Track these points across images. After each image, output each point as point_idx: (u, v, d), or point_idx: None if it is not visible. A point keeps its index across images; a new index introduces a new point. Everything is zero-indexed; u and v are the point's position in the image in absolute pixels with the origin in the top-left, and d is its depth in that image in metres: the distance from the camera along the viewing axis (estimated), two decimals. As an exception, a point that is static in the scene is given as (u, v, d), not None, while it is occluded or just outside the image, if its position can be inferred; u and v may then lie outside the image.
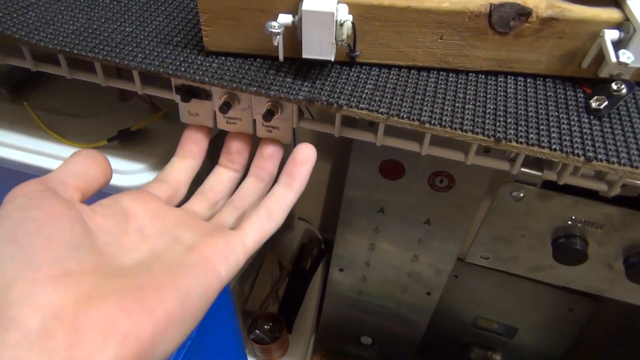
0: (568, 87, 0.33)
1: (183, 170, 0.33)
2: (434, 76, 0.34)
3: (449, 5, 0.30)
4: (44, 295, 0.19)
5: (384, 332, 0.91)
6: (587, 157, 0.29)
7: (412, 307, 0.85)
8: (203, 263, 0.24)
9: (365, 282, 0.81)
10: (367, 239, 0.72)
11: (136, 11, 0.38)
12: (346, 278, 0.79)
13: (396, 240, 0.70)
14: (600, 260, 0.36)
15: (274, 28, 0.28)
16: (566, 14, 0.30)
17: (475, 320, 0.88)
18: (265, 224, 0.28)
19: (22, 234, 0.20)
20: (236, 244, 0.26)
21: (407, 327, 0.90)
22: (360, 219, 0.71)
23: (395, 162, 0.62)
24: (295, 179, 0.30)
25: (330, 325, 0.91)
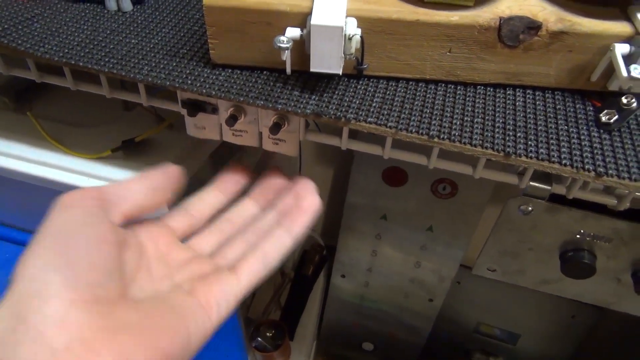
0: (577, 101, 0.33)
1: (211, 204, 0.33)
2: (442, 89, 0.33)
3: (458, 19, 0.30)
4: (76, 317, 0.20)
5: (386, 338, 0.91)
6: (598, 173, 0.28)
7: (414, 313, 0.85)
8: (200, 309, 0.25)
9: (367, 288, 0.81)
10: (370, 245, 0.72)
11: (141, 22, 0.37)
12: (348, 284, 0.79)
13: (399, 246, 0.70)
14: (608, 274, 0.35)
15: (283, 43, 0.28)
16: (576, 28, 0.30)
17: (477, 327, 0.88)
18: (260, 268, 0.28)
19: (73, 251, 0.21)
20: (230, 292, 0.27)
21: (409, 333, 0.89)
22: (362, 225, 0.71)
23: (398, 169, 0.62)
24: (297, 226, 0.30)
25: (332, 331, 0.91)
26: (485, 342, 0.89)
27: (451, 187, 0.60)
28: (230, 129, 0.35)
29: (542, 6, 0.31)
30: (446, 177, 0.57)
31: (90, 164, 0.43)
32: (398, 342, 0.91)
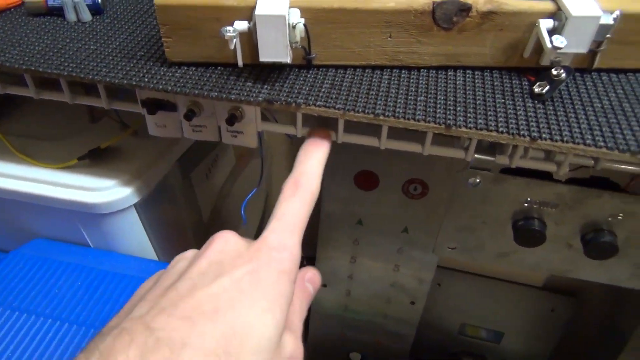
0: (513, 77, 0.35)
1: None
2: (387, 74, 0.35)
3: (394, 4, 0.32)
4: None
5: (372, 346, 0.91)
6: (532, 137, 0.30)
7: (397, 319, 0.85)
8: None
9: (350, 297, 0.81)
10: (348, 252, 0.73)
11: (100, 30, 0.39)
12: (330, 294, 0.79)
13: (376, 250, 0.71)
14: (559, 241, 0.37)
15: (229, 32, 0.30)
16: (503, 7, 0.33)
17: (461, 329, 0.88)
18: None
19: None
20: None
21: (395, 340, 0.89)
22: (339, 232, 0.72)
23: (369, 173, 0.64)
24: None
25: (318, 344, 0.90)
26: (471, 343, 0.90)
27: (422, 186, 0.62)
28: (190, 124, 0.37)
29: (472, -10, 0.33)
30: (416, 178, 0.58)
31: (57, 174, 0.44)
32: (385, 350, 0.91)
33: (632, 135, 0.31)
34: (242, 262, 0.26)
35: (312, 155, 0.33)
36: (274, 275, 0.25)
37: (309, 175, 0.31)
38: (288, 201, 0.29)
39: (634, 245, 0.36)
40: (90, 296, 0.43)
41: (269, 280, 0.25)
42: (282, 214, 0.29)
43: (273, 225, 0.28)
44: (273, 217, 0.29)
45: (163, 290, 0.25)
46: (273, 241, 0.27)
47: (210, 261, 0.26)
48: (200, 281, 0.24)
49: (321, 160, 0.33)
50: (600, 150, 0.30)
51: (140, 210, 0.45)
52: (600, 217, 0.35)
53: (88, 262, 0.46)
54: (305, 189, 0.30)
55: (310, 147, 0.33)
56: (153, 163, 0.46)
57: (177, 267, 0.27)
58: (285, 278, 0.25)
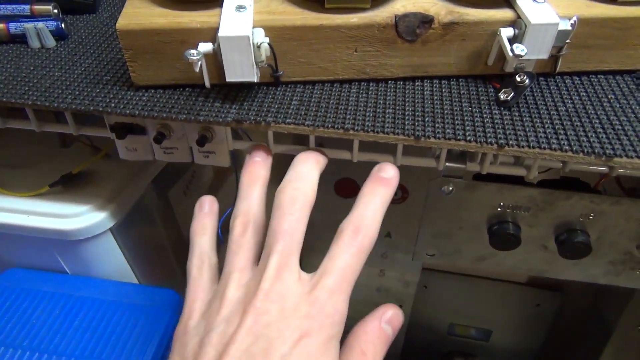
0: (479, 85, 0.36)
1: None
2: (355, 87, 0.36)
3: (357, 20, 0.33)
4: None
5: (362, 352, 0.90)
6: (500, 144, 0.31)
7: (386, 323, 0.86)
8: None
9: (337, 305, 0.81)
10: (332, 259, 0.72)
11: (65, 56, 0.39)
12: (317, 302, 0.79)
13: (360, 257, 0.71)
14: (534, 243, 0.38)
15: (193, 55, 0.30)
16: (464, 18, 0.33)
17: (450, 329, 0.89)
18: None
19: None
20: None
21: (385, 344, 0.89)
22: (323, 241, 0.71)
23: (349, 180, 0.64)
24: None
25: (307, 352, 0.90)
26: (460, 342, 0.90)
27: (402, 191, 0.62)
28: (161, 147, 0.37)
29: (433, 2, 0.34)
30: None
31: (29, 202, 0.43)
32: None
33: (595, 138, 0.31)
34: (289, 333, 0.25)
35: (377, 198, 0.30)
36: (322, 344, 0.24)
37: (370, 219, 0.29)
38: (346, 250, 0.27)
39: (606, 243, 0.37)
40: (70, 324, 0.43)
41: (318, 351, 0.24)
42: (338, 266, 0.27)
43: (326, 282, 0.26)
44: (327, 267, 0.27)
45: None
46: (325, 303, 0.26)
47: (255, 337, 0.25)
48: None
49: (385, 202, 0.30)
50: (565, 154, 0.30)
51: (117, 233, 0.45)
52: (572, 217, 0.36)
53: (66, 290, 0.45)
54: (365, 236, 0.28)
55: (375, 185, 0.31)
56: (127, 185, 0.46)
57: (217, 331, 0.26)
58: (333, 345, 0.25)
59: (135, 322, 0.42)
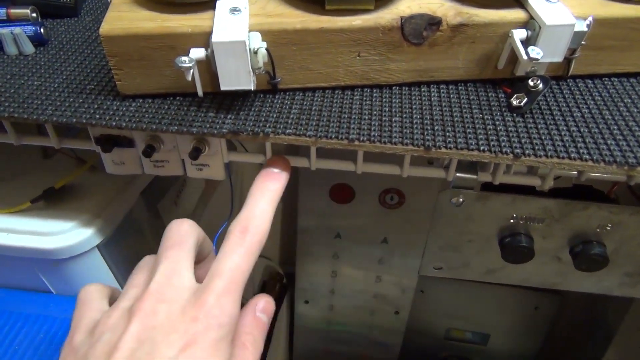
0: (489, 89, 0.34)
1: None
2: (358, 93, 0.33)
3: (361, 22, 0.31)
4: None
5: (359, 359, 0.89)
6: (515, 154, 0.29)
7: (383, 329, 0.84)
8: None
9: (333, 311, 0.80)
10: (328, 266, 0.71)
11: (45, 64, 0.36)
12: (313, 310, 0.78)
13: (357, 263, 0.70)
14: (547, 254, 0.36)
15: (185, 63, 0.28)
16: (474, 19, 0.31)
17: (447, 333, 0.88)
18: None
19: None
20: None
21: (382, 351, 0.88)
22: (318, 247, 0.70)
23: (344, 185, 0.62)
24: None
25: (304, 361, 0.88)
26: (458, 347, 0.89)
27: (398, 196, 0.60)
28: (150, 160, 0.34)
29: (441, 2, 0.32)
30: (392, 187, 0.57)
31: (9, 219, 0.40)
32: (372, 361, 0.90)
33: (616, 145, 0.30)
34: (176, 338, 0.24)
35: (264, 193, 0.30)
36: (210, 347, 0.24)
37: (258, 219, 0.29)
38: (233, 251, 0.27)
39: (623, 254, 0.35)
40: (55, 348, 0.40)
41: (206, 355, 0.24)
42: (226, 269, 0.27)
43: (214, 285, 0.26)
44: (215, 269, 0.27)
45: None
46: (212, 305, 0.25)
47: (139, 340, 0.24)
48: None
49: (274, 199, 0.30)
50: (586, 164, 0.29)
51: (105, 250, 0.42)
52: (588, 228, 0.34)
53: (50, 311, 0.42)
54: (254, 235, 0.28)
55: (264, 182, 0.31)
56: (115, 199, 0.43)
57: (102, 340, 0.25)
58: (222, 346, 0.25)
59: (125, 345, 0.40)
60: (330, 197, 0.64)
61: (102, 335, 0.25)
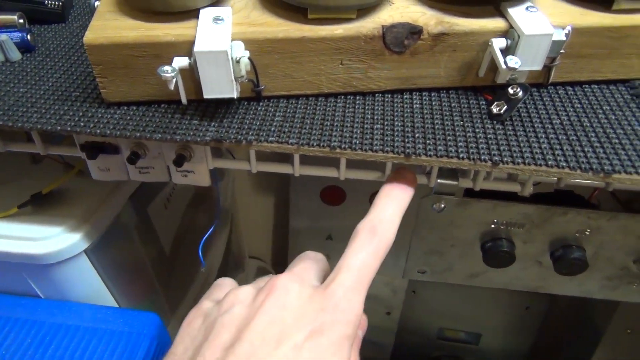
0: (470, 96, 0.34)
1: None
2: (341, 101, 0.34)
3: (342, 31, 0.31)
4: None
5: (351, 360, 0.89)
6: (494, 162, 0.29)
7: (374, 329, 0.85)
8: None
9: (325, 312, 0.80)
10: (320, 268, 0.71)
11: (31, 71, 0.36)
12: (304, 311, 0.78)
13: (347, 265, 0.70)
14: (529, 259, 0.36)
15: (167, 72, 0.28)
16: (455, 28, 0.31)
17: (440, 333, 0.88)
18: None
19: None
20: None
21: (374, 350, 0.89)
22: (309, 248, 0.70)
23: (335, 188, 0.62)
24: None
25: (295, 362, 0.88)
26: (450, 346, 0.90)
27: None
28: (135, 167, 0.34)
29: (422, 11, 0.32)
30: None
31: (-4, 225, 0.40)
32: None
33: (593, 153, 0.30)
34: (303, 323, 0.24)
35: (394, 201, 0.30)
36: (336, 342, 0.23)
37: (388, 223, 0.29)
38: (362, 249, 0.27)
39: (602, 258, 0.36)
40: (43, 353, 0.40)
41: (331, 350, 0.23)
42: (354, 264, 0.26)
43: (342, 278, 0.25)
44: (343, 264, 0.26)
45: (221, 351, 0.23)
46: (341, 298, 0.25)
47: (270, 319, 0.24)
48: (260, 348, 0.23)
49: (403, 209, 0.30)
50: (562, 171, 0.29)
51: (92, 255, 0.42)
52: (568, 233, 0.34)
53: (38, 316, 0.42)
54: (382, 238, 0.28)
55: (395, 191, 0.30)
56: (102, 204, 0.43)
57: (233, 313, 0.25)
58: (346, 345, 0.24)
59: (113, 349, 0.40)
60: (322, 199, 0.64)
61: (233, 307, 0.25)
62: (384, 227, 0.28)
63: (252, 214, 0.87)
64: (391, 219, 0.29)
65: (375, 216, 0.29)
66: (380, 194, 0.31)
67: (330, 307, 0.24)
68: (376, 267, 0.27)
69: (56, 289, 0.43)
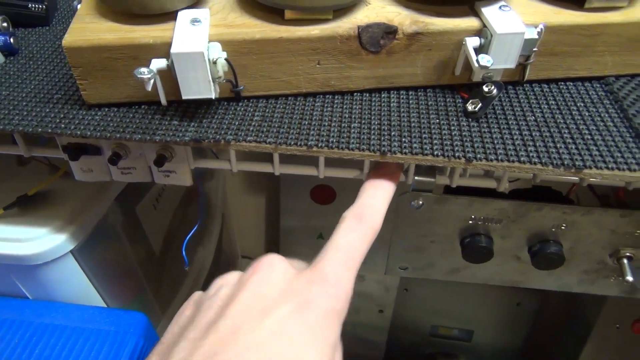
0: (447, 95, 0.35)
1: None
2: (320, 100, 0.34)
3: (319, 32, 0.31)
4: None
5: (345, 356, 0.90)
6: (468, 158, 0.30)
7: (367, 327, 0.85)
8: None
9: (318, 310, 0.80)
10: (311, 266, 0.72)
11: (14, 73, 0.36)
12: (296, 309, 0.78)
13: (338, 263, 0.70)
14: (507, 254, 0.37)
15: (144, 74, 0.28)
16: (429, 28, 0.32)
17: (433, 330, 0.89)
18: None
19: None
20: None
21: (367, 348, 0.89)
22: (301, 247, 0.71)
23: (326, 187, 0.63)
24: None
25: (289, 361, 0.89)
26: (443, 343, 0.90)
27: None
28: (118, 167, 0.35)
29: (398, 11, 0.33)
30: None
31: (-18, 227, 0.41)
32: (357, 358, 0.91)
33: (565, 149, 0.31)
34: (289, 297, 0.23)
35: (380, 191, 0.31)
36: (323, 317, 0.23)
37: (374, 210, 0.29)
38: (349, 232, 0.27)
39: (579, 252, 0.36)
40: (30, 353, 0.41)
41: (318, 324, 0.23)
42: (342, 244, 0.26)
43: (330, 255, 0.25)
44: (330, 245, 0.26)
45: (204, 329, 0.23)
46: (329, 273, 0.24)
47: (254, 294, 0.24)
48: (244, 322, 0.22)
49: (388, 199, 0.31)
50: (535, 167, 0.30)
51: (79, 255, 0.43)
52: (544, 228, 0.35)
53: (26, 316, 0.43)
54: (368, 223, 0.28)
55: (379, 183, 0.31)
56: (89, 204, 0.43)
57: (219, 294, 0.25)
58: (335, 321, 0.23)
59: (99, 348, 0.41)
60: (312, 199, 0.64)
61: (220, 289, 0.25)
62: (371, 213, 0.29)
63: (244, 213, 0.88)
64: (378, 206, 0.29)
65: (361, 203, 0.29)
66: (366, 184, 0.31)
67: (318, 280, 0.24)
68: (364, 251, 0.27)
69: (44, 290, 0.44)
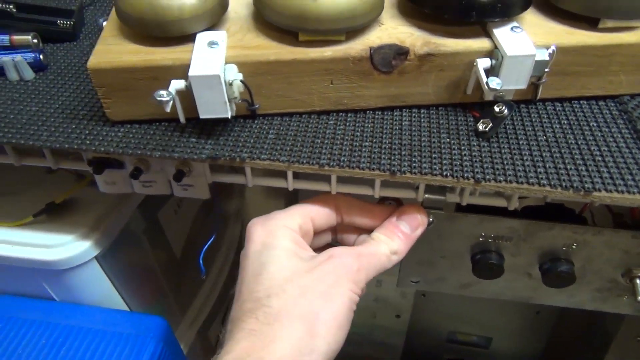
0: (459, 113, 0.35)
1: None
2: (333, 118, 0.35)
3: (331, 53, 0.32)
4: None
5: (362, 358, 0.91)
6: (476, 179, 0.30)
7: (384, 331, 0.86)
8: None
9: (335, 314, 0.81)
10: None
11: (43, 89, 0.38)
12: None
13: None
14: (518, 271, 0.37)
15: (163, 97, 0.30)
16: (441, 49, 0.32)
17: (450, 336, 0.88)
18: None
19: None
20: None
21: (384, 352, 0.89)
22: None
23: (342, 193, 0.64)
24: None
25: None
26: (460, 350, 0.90)
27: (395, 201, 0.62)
28: (139, 180, 0.36)
29: (410, 32, 0.33)
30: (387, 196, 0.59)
31: (13, 232, 0.43)
32: (374, 362, 0.91)
33: (575, 171, 0.31)
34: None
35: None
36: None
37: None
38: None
39: (591, 271, 0.36)
40: (56, 353, 0.43)
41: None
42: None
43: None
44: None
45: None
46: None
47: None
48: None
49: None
50: (543, 189, 0.30)
51: (103, 261, 0.45)
52: (555, 247, 0.35)
53: (53, 318, 0.45)
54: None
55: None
56: (112, 212, 0.45)
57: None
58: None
59: (121, 351, 0.43)
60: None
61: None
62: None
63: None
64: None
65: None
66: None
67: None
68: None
69: (69, 293, 0.46)
